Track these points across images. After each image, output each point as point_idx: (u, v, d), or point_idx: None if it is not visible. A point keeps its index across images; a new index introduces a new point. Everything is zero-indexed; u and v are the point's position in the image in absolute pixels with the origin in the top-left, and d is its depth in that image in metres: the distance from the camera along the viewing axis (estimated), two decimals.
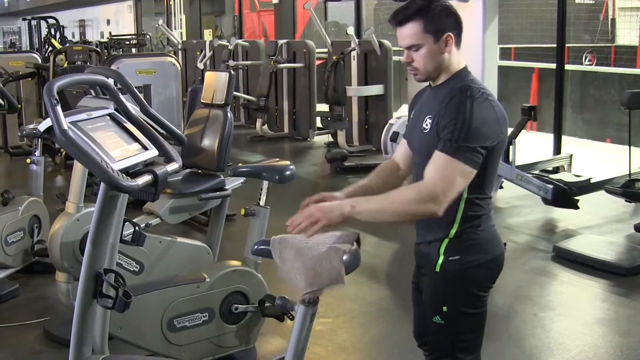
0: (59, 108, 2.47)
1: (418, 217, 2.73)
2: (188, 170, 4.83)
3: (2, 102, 6.14)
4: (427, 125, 2.78)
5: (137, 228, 3.14)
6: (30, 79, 11.23)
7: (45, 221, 5.78)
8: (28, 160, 5.74)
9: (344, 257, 2.53)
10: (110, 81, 3.02)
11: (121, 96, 3.00)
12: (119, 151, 2.69)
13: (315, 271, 2.52)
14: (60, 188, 8.64)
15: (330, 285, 2.52)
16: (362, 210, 2.62)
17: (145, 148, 2.83)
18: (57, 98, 2.49)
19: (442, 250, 2.81)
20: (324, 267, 2.52)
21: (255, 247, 2.78)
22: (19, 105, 9.71)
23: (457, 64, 2.83)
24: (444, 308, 2.81)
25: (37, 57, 11.84)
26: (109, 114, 2.85)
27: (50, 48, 19.24)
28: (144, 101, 3.14)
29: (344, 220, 2.62)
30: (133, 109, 3.02)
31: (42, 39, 22.23)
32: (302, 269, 2.54)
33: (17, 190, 5.97)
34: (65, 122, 2.48)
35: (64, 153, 9.99)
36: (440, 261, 2.81)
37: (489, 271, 2.85)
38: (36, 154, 5.70)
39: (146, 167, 2.76)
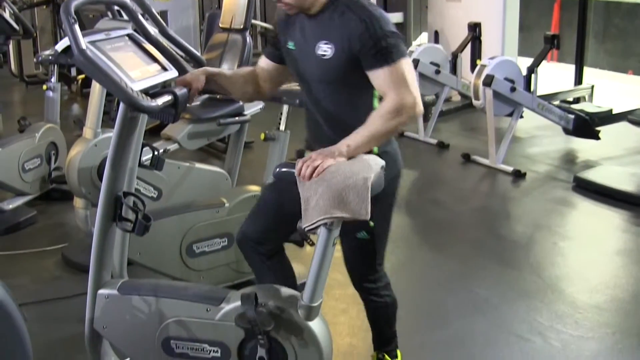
0: (77, 27, 2.42)
1: (406, 124, 2.76)
2: (206, 96, 4.76)
3: (17, 28, 6.07)
4: (325, 51, 2.80)
5: (156, 152, 3.11)
6: (45, 6, 11.10)
7: (62, 148, 5.75)
8: (44, 87, 5.69)
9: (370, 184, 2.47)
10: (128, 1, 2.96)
11: (140, 16, 2.94)
12: (139, 72, 2.63)
13: (340, 199, 2.44)
14: (77, 115, 8.61)
15: (354, 217, 2.45)
16: (357, 145, 2.66)
17: (164, 69, 2.78)
18: (75, 17, 2.43)
19: None
20: (351, 197, 2.45)
21: (278, 169, 2.72)
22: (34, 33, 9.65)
23: None
24: (371, 223, 2.89)
25: None
26: (127, 35, 2.80)
27: None
28: (163, 23, 3.08)
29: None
30: (152, 30, 2.97)
31: None
32: (326, 194, 2.46)
33: (33, 119, 5.94)
34: (83, 42, 2.42)
35: (80, 81, 9.93)
36: None
37: (399, 182, 3.03)
38: (52, 80, 5.64)
39: (164, 88, 2.71)
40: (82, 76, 10.13)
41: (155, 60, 2.79)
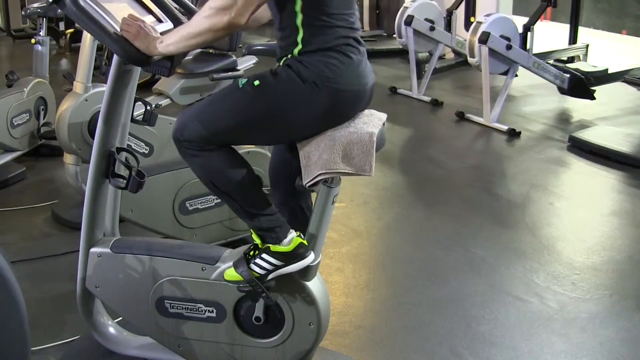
0: None
1: (218, 32, 2.38)
2: (199, 50, 4.68)
3: None
4: None
5: (148, 107, 3.03)
6: None
7: (52, 103, 5.66)
8: (33, 41, 5.56)
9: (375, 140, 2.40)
10: None
11: None
12: None
13: (344, 153, 2.37)
14: (67, 70, 8.50)
15: (357, 173, 2.38)
16: (169, 43, 2.39)
17: (159, 20, 2.70)
18: None
19: None
20: (355, 152, 2.38)
21: None
22: None
23: None
24: (256, 82, 2.52)
25: None
26: None
27: None
28: None
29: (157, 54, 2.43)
30: None
31: None
32: (329, 149, 2.38)
33: (21, 74, 5.83)
34: None
35: (68, 35, 9.79)
36: None
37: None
38: (41, 33, 5.51)
39: None
40: (70, 30, 10.00)
41: (149, 11, 2.71)
